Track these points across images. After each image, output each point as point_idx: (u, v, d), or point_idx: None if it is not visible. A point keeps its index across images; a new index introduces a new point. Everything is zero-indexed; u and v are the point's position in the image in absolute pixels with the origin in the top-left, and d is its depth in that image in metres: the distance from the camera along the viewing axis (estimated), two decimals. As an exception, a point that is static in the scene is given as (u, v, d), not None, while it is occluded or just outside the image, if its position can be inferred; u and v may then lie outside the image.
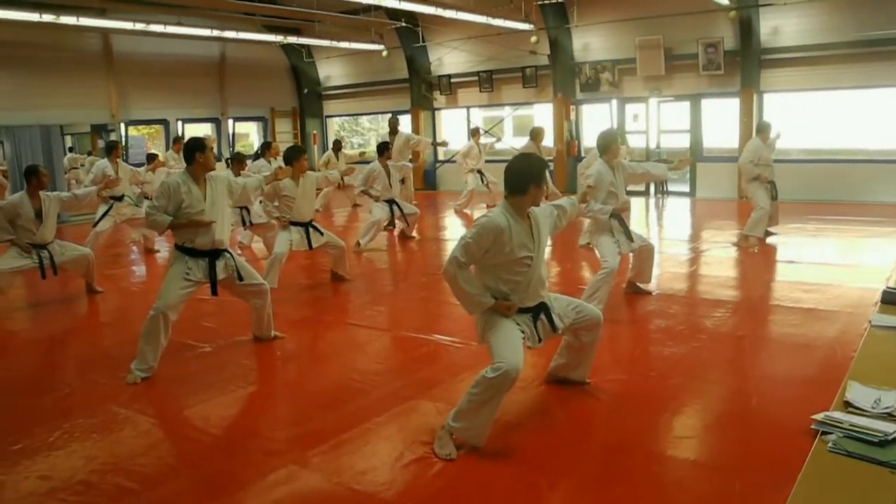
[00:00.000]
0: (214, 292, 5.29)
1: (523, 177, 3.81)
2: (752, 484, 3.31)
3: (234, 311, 6.35)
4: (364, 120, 22.29)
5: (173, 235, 5.26)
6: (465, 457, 3.64)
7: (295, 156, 7.33)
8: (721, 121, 14.42)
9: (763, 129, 9.30)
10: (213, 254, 5.23)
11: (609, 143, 6.27)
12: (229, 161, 10.31)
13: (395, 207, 9.85)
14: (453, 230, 11.96)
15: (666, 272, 7.99)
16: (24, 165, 13.48)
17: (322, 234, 7.54)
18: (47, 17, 11.45)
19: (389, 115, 14.05)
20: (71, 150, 18.08)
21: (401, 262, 9.74)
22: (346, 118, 21.17)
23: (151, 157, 12.22)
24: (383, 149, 9.96)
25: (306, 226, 7.46)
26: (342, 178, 9.21)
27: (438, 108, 18.24)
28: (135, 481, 3.56)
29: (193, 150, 5.09)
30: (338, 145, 14.83)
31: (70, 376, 5.40)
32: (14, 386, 5.15)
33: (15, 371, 5.60)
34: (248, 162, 11.20)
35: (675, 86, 14.47)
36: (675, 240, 10.75)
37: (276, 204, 7.45)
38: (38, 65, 14.39)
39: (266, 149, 11.60)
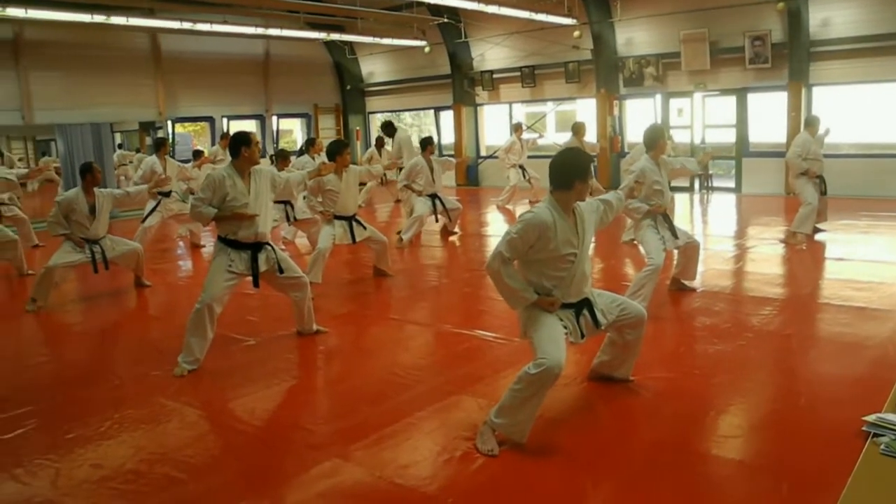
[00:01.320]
0: (256, 284, 5.37)
1: (568, 172, 3.78)
2: (801, 486, 3.24)
3: (278, 305, 6.43)
4: (407, 116, 22.36)
5: (217, 228, 5.34)
6: (508, 453, 3.64)
7: (338, 150, 7.37)
8: (768, 115, 14.14)
9: (812, 123, 9.09)
10: (256, 246, 5.31)
11: (656, 139, 6.21)
12: (274, 157, 10.44)
13: (437, 202, 9.87)
14: (495, 226, 11.95)
15: (711, 269, 7.87)
16: (77, 162, 13.93)
17: (365, 228, 7.59)
18: (98, 18, 11.72)
19: (383, 120, 14.09)
20: (120, 146, 18.52)
21: (443, 257, 9.75)
22: (389, 114, 21.27)
23: (198, 154, 12.43)
24: (426, 143, 9.99)
25: (350, 220, 7.52)
26: (385, 173, 9.29)
27: (481, 104, 18.22)
28: (182, 471, 3.64)
29: (239, 144, 5.17)
30: (381, 141, 14.90)
31: (120, 368, 5.52)
32: (68, 377, 5.30)
33: (68, 362, 5.77)
34: (293, 158, 11.32)
35: (721, 80, 14.23)
36: (720, 236, 10.58)
37: (320, 199, 7.51)
38: (89, 64, 14.75)
39: (310, 145, 11.71)
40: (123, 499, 3.41)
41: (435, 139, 16.77)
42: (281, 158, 9.81)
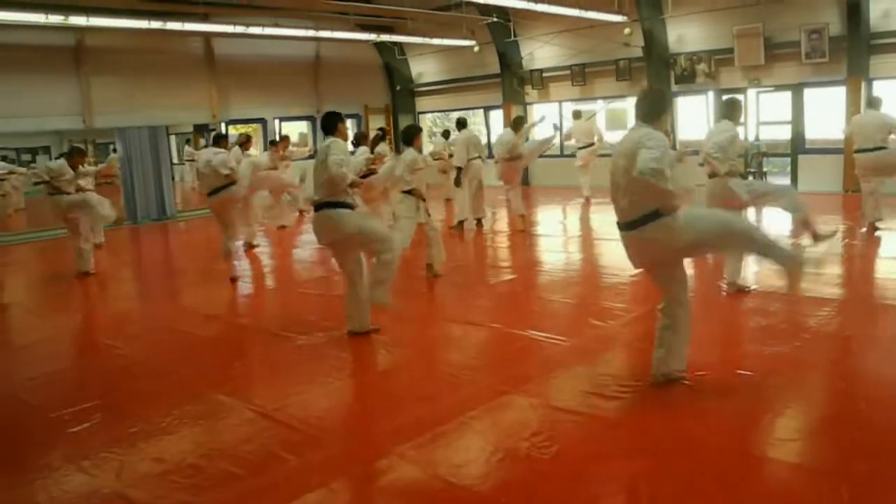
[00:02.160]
0: None
1: (659, 103, 4.24)
2: (862, 490, 3.18)
3: (332, 303, 6.53)
4: (456, 116, 22.39)
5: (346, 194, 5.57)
6: (562, 454, 3.64)
7: (414, 133, 7.77)
8: (825, 111, 13.78)
9: (875, 104, 8.80)
10: None
11: (739, 109, 6.38)
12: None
13: None
14: (545, 226, 11.89)
15: (766, 268, 7.70)
16: (135, 163, 14.44)
17: (429, 214, 7.79)
18: (155, 24, 12.03)
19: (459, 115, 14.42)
20: (188, 142, 19.46)
21: (493, 256, 9.76)
22: (438, 114, 21.33)
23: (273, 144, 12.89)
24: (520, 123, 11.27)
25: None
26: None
27: (530, 103, 18.13)
28: (240, 467, 3.73)
29: (335, 121, 5.74)
30: (447, 134, 15.14)
31: (179, 365, 5.63)
32: (130, 372, 5.48)
33: (130, 358, 5.92)
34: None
35: (776, 75, 13.92)
36: (775, 235, 10.33)
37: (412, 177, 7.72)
38: (146, 69, 15.12)
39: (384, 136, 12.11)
40: (184, 492, 3.51)
41: (484, 139, 16.96)
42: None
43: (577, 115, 14.57)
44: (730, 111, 6.29)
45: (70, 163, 9.17)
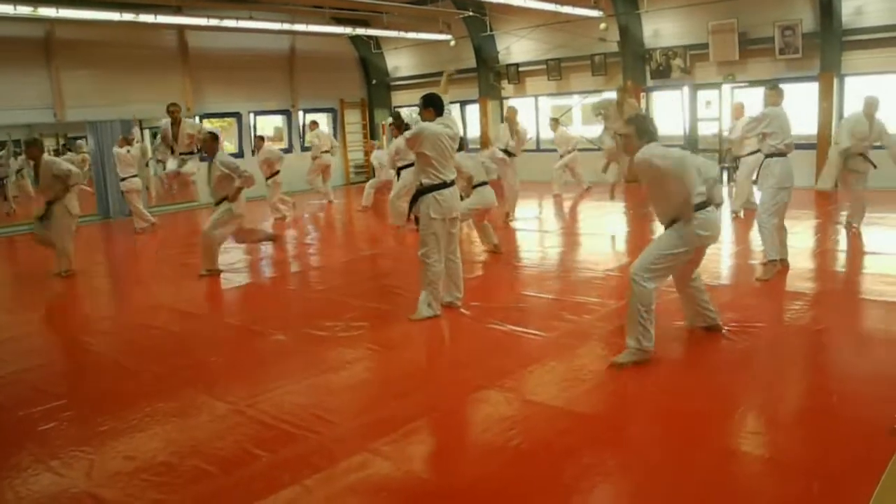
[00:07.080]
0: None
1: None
2: (832, 485, 3.21)
3: (307, 301, 6.48)
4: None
5: None
6: (536, 448, 3.65)
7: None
8: (798, 107, 13.90)
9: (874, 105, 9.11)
10: None
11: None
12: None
13: None
14: (523, 223, 11.89)
15: (739, 263, 7.79)
16: (106, 158, 14.22)
17: None
18: (127, 16, 11.87)
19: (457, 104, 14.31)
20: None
21: (468, 251, 9.71)
22: (415, 108, 21.25)
23: None
24: None
25: None
26: None
27: (506, 98, 18.13)
28: (212, 464, 3.69)
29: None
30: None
31: (151, 361, 5.56)
32: (102, 370, 5.41)
33: (102, 356, 5.85)
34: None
35: (750, 71, 14.04)
36: (747, 230, 10.43)
37: None
38: (118, 62, 14.90)
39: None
40: (156, 490, 3.46)
41: (460, 132, 16.96)
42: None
43: (554, 125, 14.47)
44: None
45: None
